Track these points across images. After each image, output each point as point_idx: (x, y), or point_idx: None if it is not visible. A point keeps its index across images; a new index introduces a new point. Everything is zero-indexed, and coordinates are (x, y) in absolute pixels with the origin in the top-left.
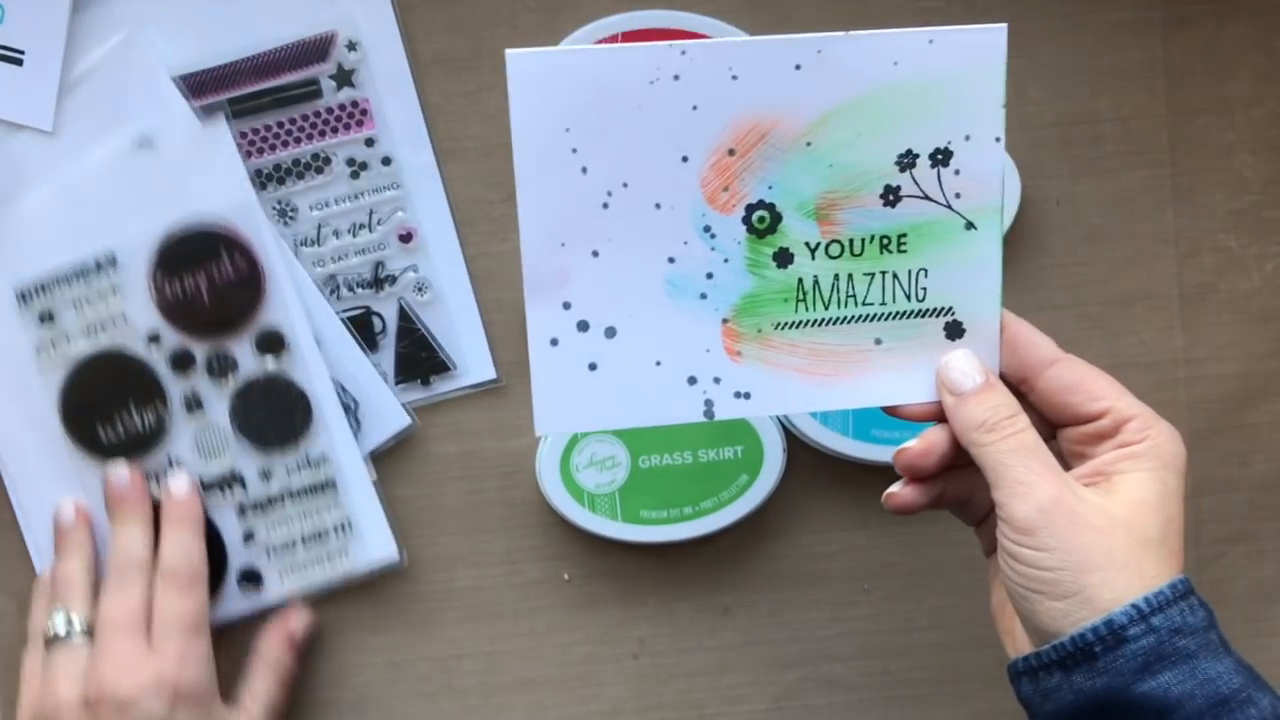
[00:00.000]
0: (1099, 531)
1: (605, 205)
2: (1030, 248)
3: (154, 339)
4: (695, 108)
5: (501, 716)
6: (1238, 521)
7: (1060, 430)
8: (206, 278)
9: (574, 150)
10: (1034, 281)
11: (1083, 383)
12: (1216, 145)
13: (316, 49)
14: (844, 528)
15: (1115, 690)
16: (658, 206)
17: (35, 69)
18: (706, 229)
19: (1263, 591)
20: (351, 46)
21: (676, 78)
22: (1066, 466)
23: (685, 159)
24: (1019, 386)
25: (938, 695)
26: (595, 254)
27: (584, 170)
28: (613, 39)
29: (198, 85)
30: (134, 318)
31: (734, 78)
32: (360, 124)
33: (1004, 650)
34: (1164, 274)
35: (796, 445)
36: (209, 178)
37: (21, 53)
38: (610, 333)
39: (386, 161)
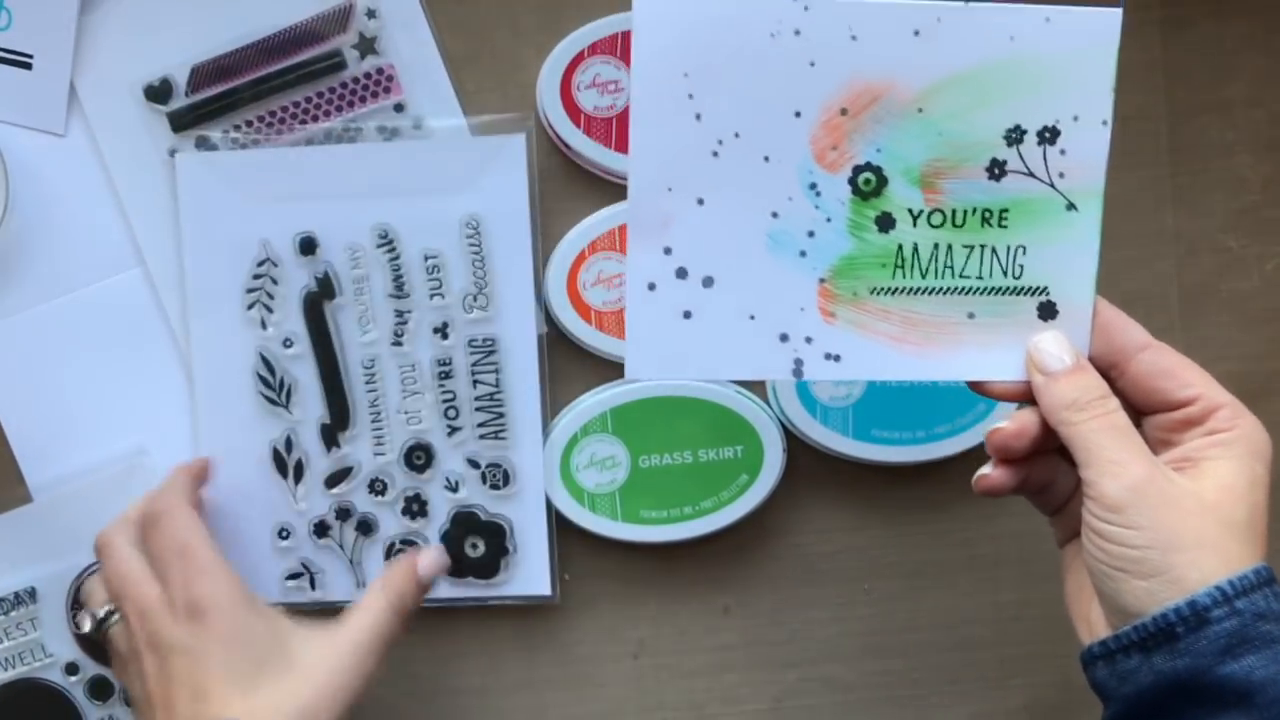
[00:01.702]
0: (1189, 513)
1: (715, 154)
2: None
3: (72, 669)
4: (813, 64)
5: (501, 717)
6: None
7: (1146, 417)
8: None
9: (690, 96)
10: None
11: (1174, 370)
12: (1216, 145)
13: (336, 20)
14: (844, 528)
15: (1197, 672)
16: (766, 159)
17: (45, 73)
18: (812, 186)
19: None
20: (371, 14)
21: (797, 33)
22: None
23: (798, 114)
24: (1108, 373)
25: (938, 695)
26: (700, 202)
27: (698, 116)
28: (613, 39)
29: (221, 71)
30: (53, 649)
31: (853, 38)
32: (388, 90)
33: (1078, 639)
34: (1164, 274)
35: (796, 445)
36: None
37: (30, 56)
38: (708, 282)
39: (418, 125)
